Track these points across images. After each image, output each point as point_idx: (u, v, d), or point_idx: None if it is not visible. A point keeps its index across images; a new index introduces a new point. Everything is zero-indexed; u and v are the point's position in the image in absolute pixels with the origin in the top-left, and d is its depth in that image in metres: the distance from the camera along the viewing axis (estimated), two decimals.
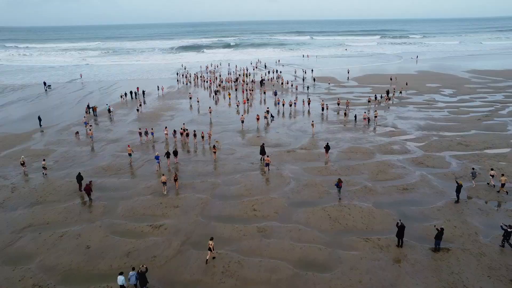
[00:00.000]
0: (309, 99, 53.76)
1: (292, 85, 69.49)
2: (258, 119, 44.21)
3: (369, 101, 54.63)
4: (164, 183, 26.96)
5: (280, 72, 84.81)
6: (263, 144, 33.38)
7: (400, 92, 60.53)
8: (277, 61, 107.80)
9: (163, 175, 27.67)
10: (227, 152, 35.13)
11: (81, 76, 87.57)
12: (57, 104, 58.65)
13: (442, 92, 62.04)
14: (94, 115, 50.48)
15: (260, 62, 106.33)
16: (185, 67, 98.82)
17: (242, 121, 43.97)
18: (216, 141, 36.68)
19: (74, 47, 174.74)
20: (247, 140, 38.49)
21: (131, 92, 62.81)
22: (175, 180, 27.77)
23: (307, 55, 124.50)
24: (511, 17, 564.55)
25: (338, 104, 53.64)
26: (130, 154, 33.33)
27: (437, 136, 38.69)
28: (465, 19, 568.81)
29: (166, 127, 40.61)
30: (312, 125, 41.47)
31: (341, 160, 32.56)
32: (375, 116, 45.13)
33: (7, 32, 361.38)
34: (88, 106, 53.39)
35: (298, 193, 26.43)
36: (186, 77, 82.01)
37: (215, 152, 33.79)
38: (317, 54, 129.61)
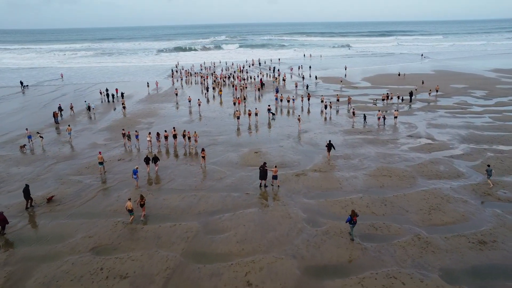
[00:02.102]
0: (308, 94, 49.66)
1: (289, 78, 66.96)
2: (250, 114, 40.19)
3: (383, 99, 48.78)
4: (130, 211, 19.38)
5: (279, 70, 78.38)
6: (264, 165, 23.91)
7: (437, 91, 53.48)
8: (270, 60, 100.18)
9: (129, 199, 19.67)
10: (214, 176, 25.83)
11: (62, 76, 79.05)
12: (17, 109, 49.34)
13: (472, 94, 52.89)
14: (55, 122, 41.22)
15: (259, 61, 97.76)
16: (176, 65, 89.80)
17: (238, 117, 39.69)
18: (192, 148, 31.70)
19: (61, 48, 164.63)
20: (242, 157, 29.17)
21: (107, 95, 53.78)
22: (141, 205, 20.05)
23: (310, 55, 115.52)
24: None
25: (338, 100, 47.81)
26: (101, 163, 26.33)
27: (491, 151, 29.45)
28: (470, 21, 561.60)
29: (149, 133, 32.77)
30: (299, 119, 37.17)
31: (371, 189, 23.28)
32: (395, 117, 38.47)
33: None
34: (59, 108, 45.07)
35: (317, 249, 17.16)
36: (173, 73, 78.30)
37: (204, 157, 27.59)
38: (321, 53, 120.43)
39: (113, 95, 53.86)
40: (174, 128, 33.94)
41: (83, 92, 60.90)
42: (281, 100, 48.85)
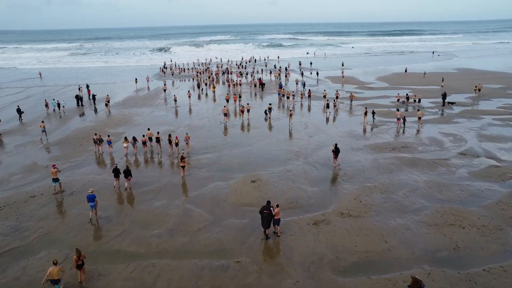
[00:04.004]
0: (309, 90, 44.43)
1: (287, 73, 63.80)
2: (242, 111, 36.16)
3: (398, 100, 42.06)
4: (56, 282, 11.87)
5: (280, 67, 71.48)
6: (268, 205, 15.06)
7: (479, 90, 45.91)
8: (268, 57, 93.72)
9: (54, 263, 11.74)
10: (189, 225, 16.78)
11: (40, 75, 70.78)
12: None
13: None
14: None
15: (254, 58, 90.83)
16: (165, 63, 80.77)
17: (225, 114, 34.41)
18: (183, 153, 23.96)
19: (47, 48, 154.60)
20: (233, 190, 20.09)
21: (77, 96, 44.86)
22: (79, 266, 12.66)
23: (314, 53, 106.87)
24: None
25: (337, 97, 42.13)
26: (56, 180, 19.87)
27: None
28: (472, 21, 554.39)
29: (126, 138, 26.31)
30: (291, 115, 32.98)
31: (440, 253, 14.31)
32: (419, 117, 32.46)
33: None
34: (18, 110, 37.31)
35: None
36: (164, 71, 72.09)
37: (183, 167, 21.75)
38: (325, 52, 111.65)
39: (81, 98, 44.92)
40: (149, 129, 27.86)
41: (53, 94, 51.92)
42: (283, 95, 44.69)
